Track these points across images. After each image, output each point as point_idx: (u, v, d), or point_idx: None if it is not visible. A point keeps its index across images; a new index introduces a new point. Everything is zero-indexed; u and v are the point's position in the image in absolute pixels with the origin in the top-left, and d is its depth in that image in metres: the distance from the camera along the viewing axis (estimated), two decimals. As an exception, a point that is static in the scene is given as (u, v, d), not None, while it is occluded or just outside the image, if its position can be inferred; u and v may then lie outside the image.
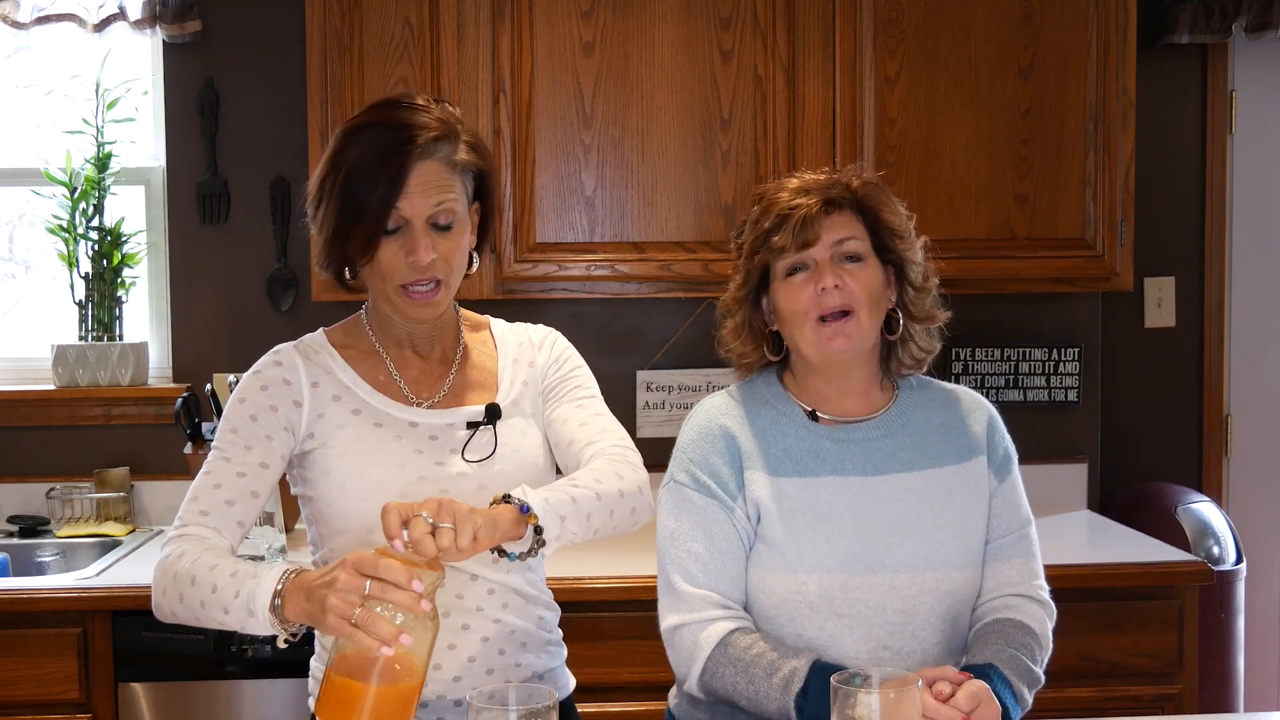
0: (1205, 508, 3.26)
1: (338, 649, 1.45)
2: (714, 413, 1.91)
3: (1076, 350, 3.40)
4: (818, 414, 1.90)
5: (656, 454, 3.44)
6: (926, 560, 1.82)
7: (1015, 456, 1.95)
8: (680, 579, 1.82)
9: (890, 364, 1.93)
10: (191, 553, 1.64)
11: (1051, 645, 1.88)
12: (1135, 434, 3.60)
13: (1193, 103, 3.61)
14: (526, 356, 1.90)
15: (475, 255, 1.83)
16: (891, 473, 1.87)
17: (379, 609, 1.41)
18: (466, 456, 1.78)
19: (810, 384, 1.91)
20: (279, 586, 1.54)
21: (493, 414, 1.81)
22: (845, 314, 1.82)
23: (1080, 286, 3.10)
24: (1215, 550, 3.15)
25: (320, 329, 1.88)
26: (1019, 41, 3.01)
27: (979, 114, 3.01)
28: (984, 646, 1.81)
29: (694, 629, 1.79)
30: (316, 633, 1.81)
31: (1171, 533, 3.13)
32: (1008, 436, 1.96)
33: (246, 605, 1.55)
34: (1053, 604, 1.91)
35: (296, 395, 1.77)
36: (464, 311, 1.93)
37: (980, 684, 1.65)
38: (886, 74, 2.99)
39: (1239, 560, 3.17)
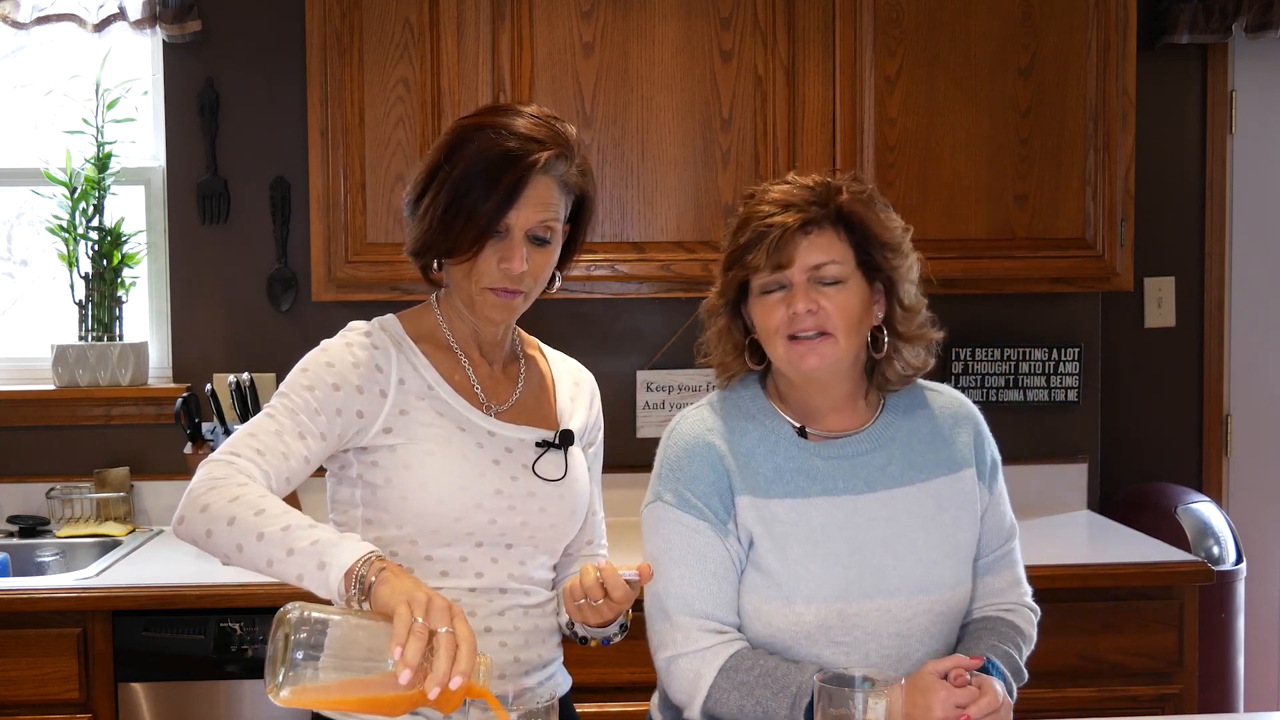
0: (1205, 508, 3.26)
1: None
2: (699, 428, 1.83)
3: (1076, 350, 3.39)
4: (806, 430, 1.83)
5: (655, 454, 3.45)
6: (920, 583, 1.78)
7: (1000, 460, 1.90)
8: (675, 606, 1.76)
9: (875, 378, 1.86)
10: (228, 489, 1.54)
11: (1035, 642, 1.89)
12: (1135, 434, 3.60)
13: (1193, 103, 3.61)
14: (583, 397, 1.94)
15: (558, 275, 1.84)
16: (881, 489, 1.81)
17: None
18: (540, 474, 1.79)
19: (793, 396, 1.85)
20: (370, 553, 1.45)
21: (566, 440, 1.83)
22: (822, 334, 1.75)
23: (1080, 286, 3.10)
24: (1215, 550, 3.15)
25: (392, 316, 1.83)
26: (1019, 41, 3.01)
27: (979, 114, 3.01)
28: (977, 641, 1.81)
29: (693, 659, 1.75)
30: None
31: (1171, 533, 3.13)
32: (993, 441, 1.90)
33: (320, 557, 1.45)
34: (1036, 605, 1.91)
35: (384, 386, 1.73)
36: (517, 327, 1.93)
37: (990, 685, 1.66)
38: (886, 74, 2.98)
39: (1239, 560, 3.17)
